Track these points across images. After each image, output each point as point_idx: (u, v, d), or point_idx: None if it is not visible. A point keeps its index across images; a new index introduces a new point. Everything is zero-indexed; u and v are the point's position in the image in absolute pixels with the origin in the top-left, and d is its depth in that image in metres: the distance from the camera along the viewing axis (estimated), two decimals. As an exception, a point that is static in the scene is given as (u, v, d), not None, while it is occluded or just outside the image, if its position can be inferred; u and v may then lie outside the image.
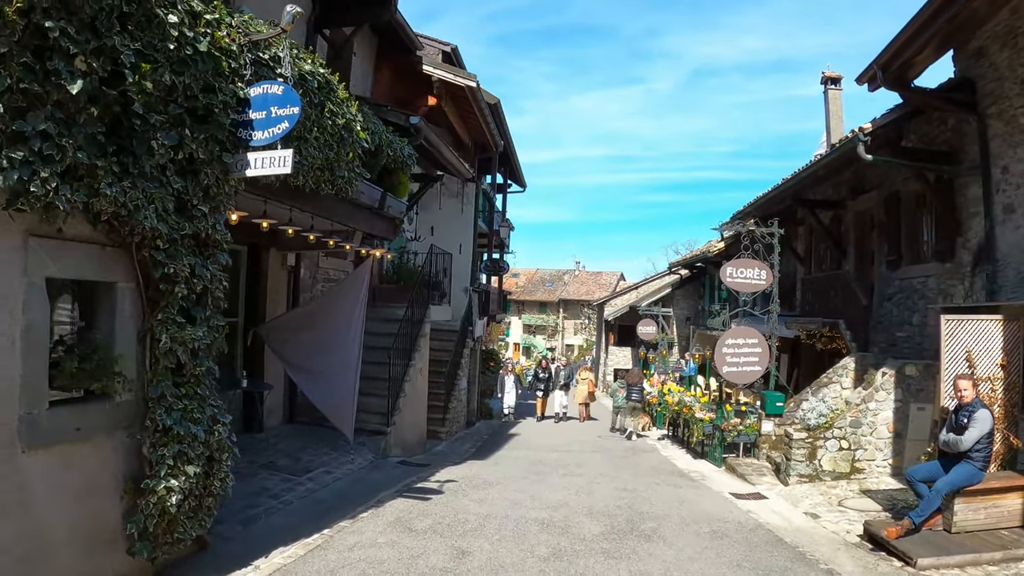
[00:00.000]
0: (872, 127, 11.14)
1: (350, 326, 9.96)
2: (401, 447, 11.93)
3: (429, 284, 13.88)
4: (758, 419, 12.38)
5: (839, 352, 15.58)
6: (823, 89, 21.52)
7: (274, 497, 8.15)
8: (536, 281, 71.15)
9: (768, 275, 12.60)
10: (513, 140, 23.84)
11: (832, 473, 10.56)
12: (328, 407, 10.01)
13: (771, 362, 12.42)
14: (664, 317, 29.69)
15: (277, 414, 11.65)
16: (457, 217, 20.31)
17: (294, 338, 10.47)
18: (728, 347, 12.17)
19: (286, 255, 11.56)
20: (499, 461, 12.18)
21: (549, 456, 13.00)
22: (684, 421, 14.94)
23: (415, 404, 12.70)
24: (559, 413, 21.29)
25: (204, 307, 5.86)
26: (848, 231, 15.61)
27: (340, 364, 9.86)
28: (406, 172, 10.38)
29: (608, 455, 13.56)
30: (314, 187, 7.49)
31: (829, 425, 10.62)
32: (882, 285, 13.67)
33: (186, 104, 5.40)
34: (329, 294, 11.26)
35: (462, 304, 18.19)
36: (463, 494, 8.81)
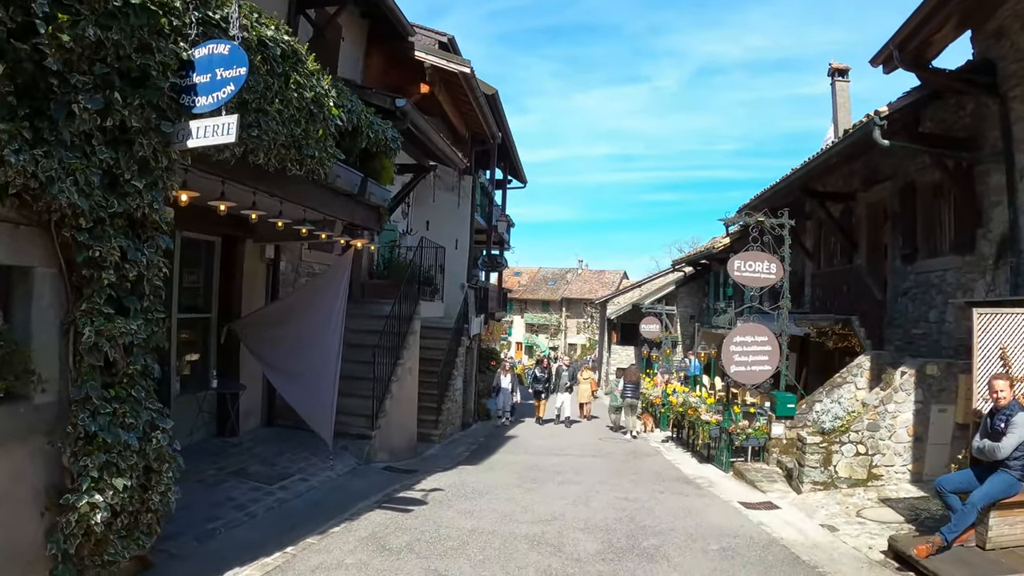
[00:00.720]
0: (888, 110, 10.47)
1: (329, 323, 9.27)
2: (388, 451, 11.20)
3: (419, 279, 13.15)
4: (767, 422, 11.63)
5: (851, 351, 14.87)
6: (830, 81, 20.75)
7: (240, 508, 7.44)
8: (539, 280, 70.44)
9: (778, 269, 11.86)
10: (514, 136, 23.19)
11: (848, 480, 9.81)
12: (305, 409, 9.33)
13: (781, 361, 11.67)
14: (668, 315, 28.94)
15: (254, 416, 10.94)
16: (453, 211, 19.59)
17: (270, 335, 9.80)
18: (736, 345, 11.42)
19: (264, 247, 10.86)
20: (493, 466, 11.45)
21: (546, 461, 12.26)
22: (689, 423, 14.19)
23: (404, 405, 11.97)
24: (560, 416, 19.87)
25: (140, 297, 5.15)
26: (859, 224, 14.95)
27: (318, 363, 9.18)
28: (390, 157, 9.66)
29: (609, 459, 12.82)
30: (279, 166, 6.77)
31: (845, 428, 9.87)
32: (896, 280, 12.98)
33: (116, 64, 4.71)
34: (307, 288, 10.56)
35: (457, 301, 17.47)
36: (449, 505, 8.08)
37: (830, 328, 13.88)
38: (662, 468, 12.07)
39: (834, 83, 20.57)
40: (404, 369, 11.86)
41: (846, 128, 12.70)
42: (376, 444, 10.76)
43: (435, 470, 10.60)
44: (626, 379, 18.56)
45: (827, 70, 20.78)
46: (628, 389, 18.15)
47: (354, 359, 11.27)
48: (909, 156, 12.20)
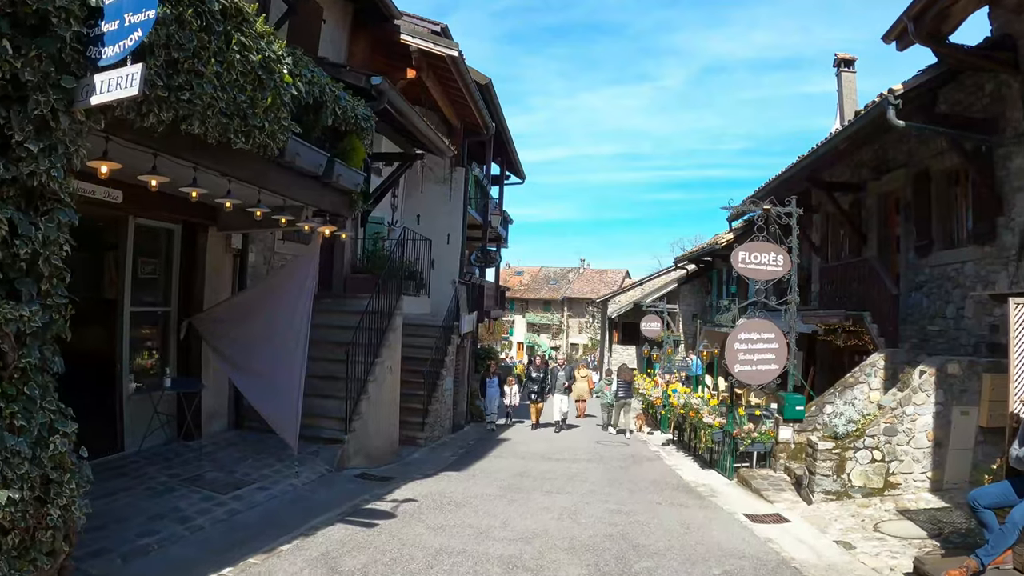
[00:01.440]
0: (903, 88, 9.68)
1: (294, 317, 8.49)
2: (365, 456, 10.40)
3: (402, 273, 12.33)
4: (774, 425, 10.81)
5: (862, 349, 14.07)
6: (835, 72, 19.99)
7: (183, 521, 6.64)
8: (540, 279, 69.85)
9: (785, 260, 11.04)
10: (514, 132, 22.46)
11: (863, 489, 8.98)
12: (269, 411, 8.57)
13: (790, 360, 10.85)
14: (670, 314, 28.11)
15: (220, 418, 10.15)
16: (444, 205, 18.78)
17: (230, 331, 9.04)
18: (741, 343, 10.60)
19: (230, 236, 10.07)
20: (477, 473, 10.63)
21: (537, 467, 11.45)
22: (691, 426, 13.36)
23: (383, 407, 11.16)
24: (559, 421, 18.12)
25: (36, 279, 4.34)
26: (869, 216, 14.20)
27: (282, 361, 8.42)
28: (361, 137, 8.88)
29: (604, 465, 12.00)
30: (221, 138, 5.97)
31: (860, 433, 9.04)
32: (910, 274, 12.22)
33: (8, 9, 3.93)
34: (271, 280, 9.79)
35: (448, 298, 16.64)
36: (419, 519, 7.26)
37: (840, 325, 13.04)
38: (661, 475, 11.25)
39: (840, 74, 19.82)
40: (384, 368, 11.05)
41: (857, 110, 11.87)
42: (350, 449, 9.95)
43: (414, 477, 9.80)
44: (619, 378, 18.52)
45: (833, 61, 20.06)
46: (621, 388, 18.21)
47: (329, 357, 10.52)
48: (923, 142, 11.56)
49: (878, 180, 13.57)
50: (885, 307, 12.18)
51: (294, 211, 8.50)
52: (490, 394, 18.13)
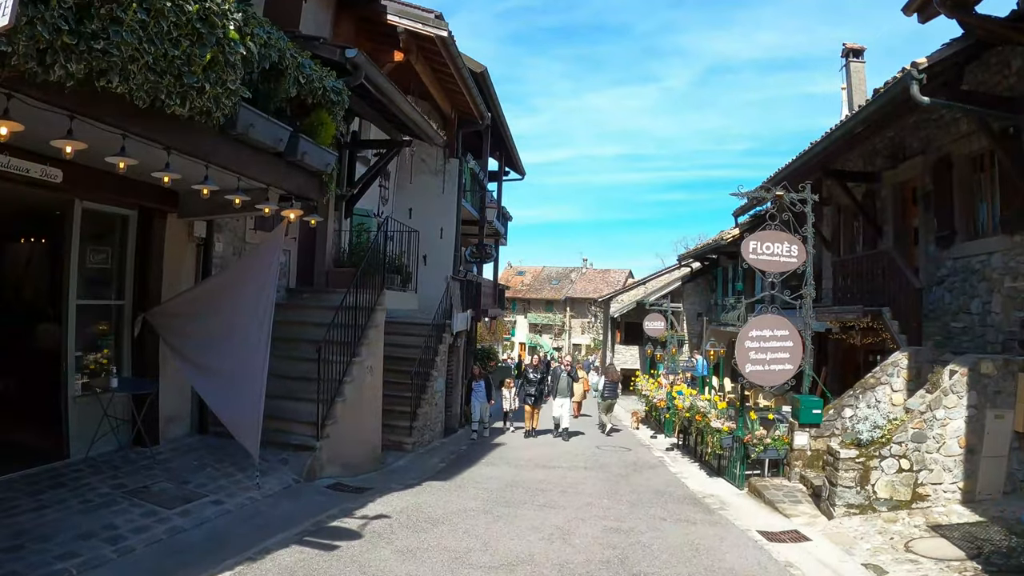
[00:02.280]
0: (927, 62, 8.84)
1: (255, 311, 7.67)
2: (341, 464, 9.52)
3: (384, 265, 11.44)
4: (788, 430, 9.91)
5: (878, 348, 13.22)
6: (844, 63, 19.23)
7: (114, 541, 5.76)
8: (542, 279, 69.07)
9: (800, 251, 10.15)
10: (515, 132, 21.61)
11: (889, 502, 8.08)
12: (228, 414, 7.77)
13: (805, 359, 9.96)
14: (673, 313, 27.22)
15: (181, 422, 9.28)
16: (437, 198, 17.89)
17: (188, 327, 8.23)
18: (752, 340, 9.71)
19: (192, 223, 9.20)
20: (464, 483, 9.73)
21: (531, 475, 10.58)
22: (697, 430, 12.46)
23: (363, 410, 10.28)
24: (559, 427, 16.41)
25: None
26: (884, 207, 13.42)
27: (243, 360, 7.63)
28: (331, 112, 8.00)
29: (604, 473, 11.10)
30: (151, 100, 5.11)
31: (886, 440, 8.14)
32: (930, 268, 11.43)
33: None
34: (231, 271, 8.92)
35: (441, 295, 15.74)
36: (388, 540, 6.36)
37: (857, 322, 12.13)
38: (665, 484, 10.35)
39: (848, 64, 19.06)
40: (363, 368, 10.18)
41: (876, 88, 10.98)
42: (322, 456, 9.06)
43: (394, 488, 8.90)
44: (607, 378, 19.21)
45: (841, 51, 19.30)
46: (607, 388, 18.85)
47: (305, 356, 9.69)
48: (942, 126, 10.87)
49: (894, 169, 12.81)
50: (907, 302, 11.29)
51: (256, 194, 7.62)
52: (475, 400, 16.02)
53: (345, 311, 10.00)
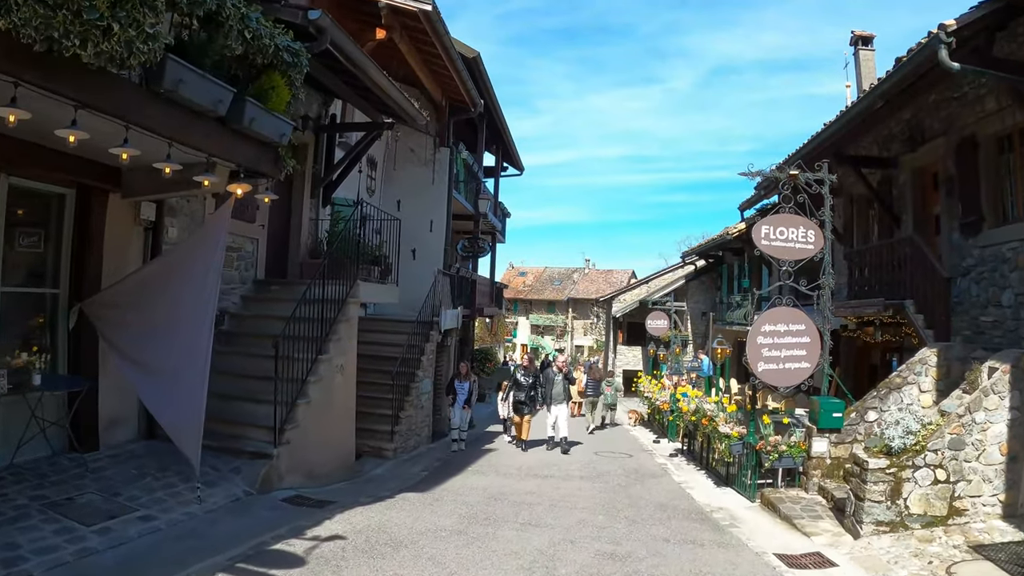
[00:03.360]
0: (956, 24, 7.93)
1: (198, 300, 6.71)
2: (304, 473, 8.54)
3: (358, 255, 10.44)
4: (805, 436, 8.90)
5: (896, 345, 12.27)
6: (852, 51, 18.20)
7: (7, 564, 4.83)
8: (544, 280, 68.19)
9: (817, 236, 9.16)
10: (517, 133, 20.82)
11: (923, 518, 7.10)
12: (167, 417, 6.83)
13: (824, 356, 8.95)
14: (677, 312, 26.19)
15: (126, 426, 8.27)
16: (427, 189, 16.88)
17: (126, 317, 7.26)
18: (765, 336, 8.72)
19: (139, 205, 8.19)
20: (443, 496, 8.69)
21: (518, 486, 9.56)
22: (704, 435, 11.43)
23: (332, 413, 9.28)
24: (552, 437, 13.96)
25: None
26: (902, 194, 12.45)
27: (186, 356, 6.63)
28: (287, 76, 7.01)
29: (601, 484, 10.06)
30: (44, 41, 4.16)
31: (921, 447, 7.13)
32: (954, 257, 10.45)
33: None
34: (173, 254, 7.93)
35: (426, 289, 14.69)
36: (337, 569, 5.35)
37: (877, 316, 11.12)
38: (669, 496, 9.31)
39: (857, 52, 18.04)
40: (331, 367, 9.18)
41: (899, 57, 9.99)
42: (281, 465, 8.07)
43: (362, 501, 7.90)
44: (589, 376, 19.44)
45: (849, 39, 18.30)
46: (590, 386, 19.24)
47: (265, 353, 8.62)
48: (966, 104, 10.01)
49: (913, 153, 11.88)
50: (933, 293, 10.32)
51: (199, 168, 6.64)
52: (457, 403, 13.43)
53: (311, 304, 9.02)
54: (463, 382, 13.58)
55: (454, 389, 13.53)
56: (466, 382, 13.57)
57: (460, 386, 13.50)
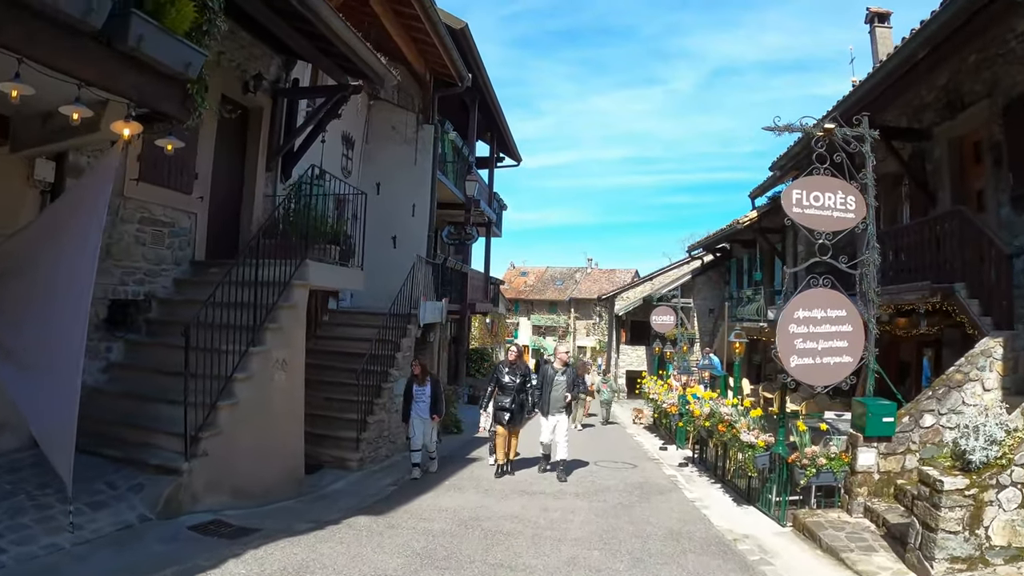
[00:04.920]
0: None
1: (73, 273, 5.10)
2: (229, 491, 6.96)
3: (306, 231, 8.85)
4: (847, 445, 7.30)
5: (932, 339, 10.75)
6: (868, 29, 16.75)
7: None
8: (546, 279, 66.63)
9: (859, 203, 7.61)
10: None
11: (1006, 550, 5.53)
12: (40, 422, 5.20)
13: (869, 348, 7.36)
14: (683, 309, 24.61)
15: (12, 433, 6.64)
16: (409, 170, 15.30)
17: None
18: (799, 323, 7.12)
19: (32, 162, 6.63)
20: (401, 521, 7.04)
21: (500, 507, 7.96)
22: (721, 443, 9.81)
23: (269, 417, 7.64)
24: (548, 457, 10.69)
25: None
26: (939, 168, 11.06)
27: (51, 342, 5.05)
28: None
29: (599, 502, 8.43)
30: None
31: (1008, 461, 5.53)
32: (1004, 235, 8.91)
33: None
34: (45, 218, 6.28)
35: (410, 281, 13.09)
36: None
37: (920, 304, 9.50)
38: (681, 518, 7.67)
39: (873, 30, 16.58)
40: (268, 361, 7.60)
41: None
42: (194, 482, 6.48)
43: (295, 528, 6.31)
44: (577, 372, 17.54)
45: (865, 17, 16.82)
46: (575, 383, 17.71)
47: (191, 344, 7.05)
48: (1016, 61, 8.66)
49: (951, 121, 10.53)
50: (989, 274, 8.73)
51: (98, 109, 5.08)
52: (415, 414, 9.98)
53: (248, 287, 7.46)
54: (422, 385, 10.12)
55: (411, 395, 10.07)
56: (425, 385, 10.15)
57: (418, 391, 10.07)
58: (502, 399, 10.43)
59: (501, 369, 10.78)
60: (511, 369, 10.69)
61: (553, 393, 10.47)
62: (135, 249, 8.42)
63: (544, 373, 10.73)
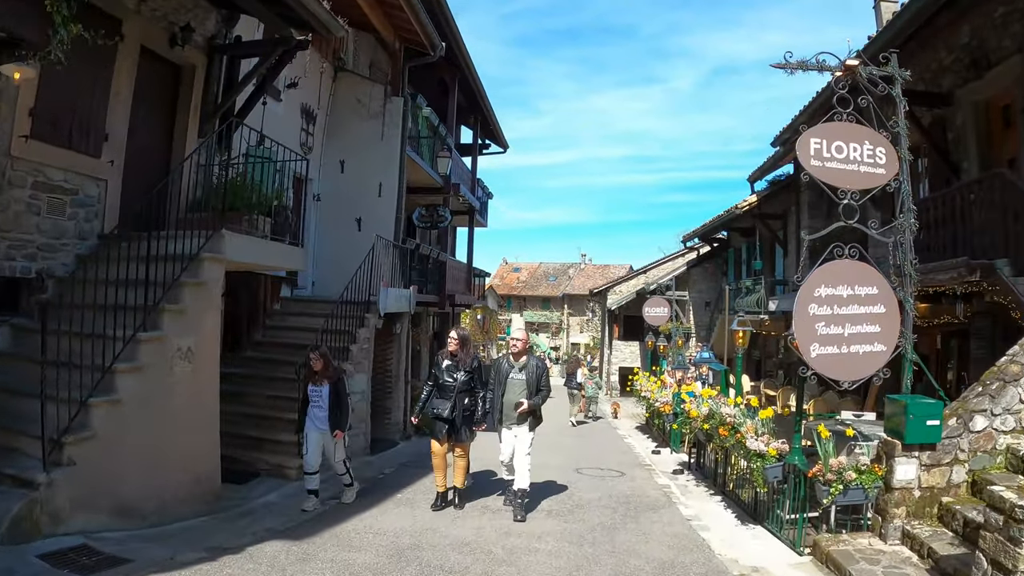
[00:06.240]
0: None
1: None
2: (109, 509, 5.55)
3: (224, 195, 7.42)
4: (881, 456, 5.88)
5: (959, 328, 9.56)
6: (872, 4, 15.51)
7: None
8: (539, 276, 65.48)
9: (891, 156, 6.20)
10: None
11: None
12: None
13: (907, 335, 5.95)
14: (678, 302, 23.20)
15: None
16: (375, 146, 13.81)
17: None
18: (820, 304, 5.74)
19: None
20: (318, 551, 5.55)
21: (448, 532, 6.50)
22: (722, 449, 8.40)
23: (167, 418, 6.17)
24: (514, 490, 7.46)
25: None
26: (962, 136, 10.03)
27: None
28: None
29: (577, 524, 6.98)
30: None
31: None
32: None
33: None
34: None
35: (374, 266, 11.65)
36: None
37: (955, 284, 8.12)
38: (675, 546, 6.23)
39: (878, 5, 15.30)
40: (165, 350, 6.19)
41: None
42: (57, 497, 5.06)
43: (180, 558, 4.90)
44: (567, 369, 19.22)
45: None
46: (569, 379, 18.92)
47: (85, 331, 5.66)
48: None
49: (977, 82, 9.44)
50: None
51: None
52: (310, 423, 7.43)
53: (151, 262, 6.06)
54: (319, 385, 7.42)
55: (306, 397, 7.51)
56: (322, 385, 7.39)
57: (313, 391, 7.44)
58: (439, 405, 7.52)
59: (439, 363, 7.78)
60: (453, 364, 7.62)
61: (507, 397, 7.46)
62: (27, 219, 6.98)
63: (498, 369, 7.73)
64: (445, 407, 7.45)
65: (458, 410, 7.49)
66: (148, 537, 5.57)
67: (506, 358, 7.78)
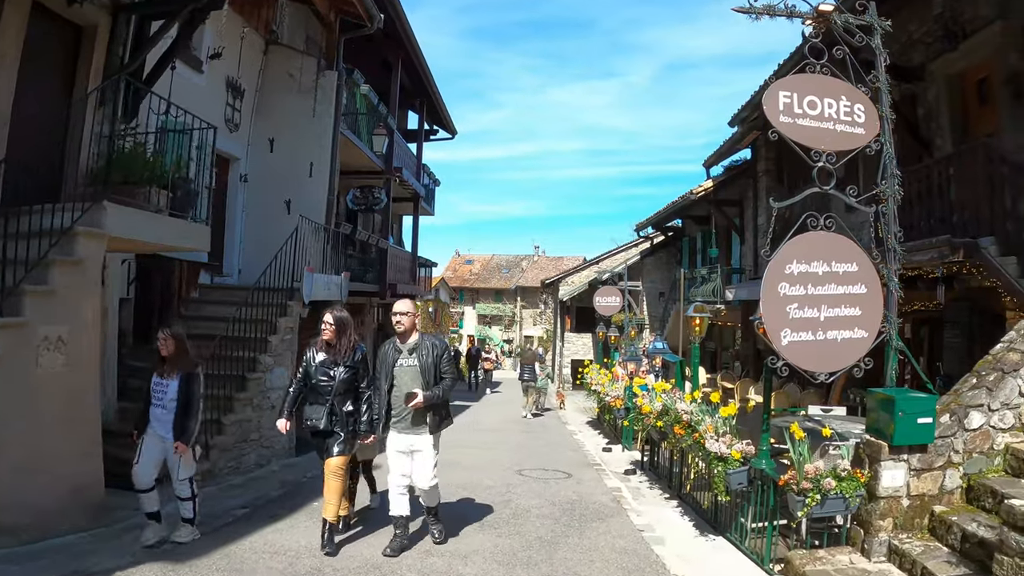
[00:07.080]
0: None
1: None
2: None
3: (109, 163, 6.39)
4: (863, 460, 5.08)
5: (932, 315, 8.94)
6: None
7: None
8: (492, 268, 64.74)
9: (870, 114, 5.41)
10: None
11: None
12: None
13: (891, 318, 5.16)
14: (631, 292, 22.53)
15: None
16: (307, 123, 12.76)
17: None
18: (793, 283, 4.92)
19: None
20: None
21: (357, 550, 5.60)
22: (678, 450, 7.58)
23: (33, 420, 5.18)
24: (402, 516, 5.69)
25: None
26: (934, 113, 9.54)
27: None
28: None
29: (512, 539, 6.05)
30: None
31: None
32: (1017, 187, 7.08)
33: None
34: None
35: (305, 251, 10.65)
36: None
37: (935, 266, 7.40)
38: (625, 566, 5.31)
39: None
40: (30, 340, 5.16)
41: None
42: None
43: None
44: (523, 361, 19.04)
45: None
46: (524, 371, 18.61)
47: None
48: None
49: (951, 53, 8.91)
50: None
51: None
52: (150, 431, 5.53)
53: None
54: (165, 377, 5.55)
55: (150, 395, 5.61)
56: (171, 378, 5.54)
57: (158, 388, 5.55)
58: (312, 413, 5.69)
59: (312, 357, 5.82)
60: (329, 358, 5.74)
61: (396, 393, 5.61)
62: None
63: (383, 358, 5.75)
64: (319, 414, 5.59)
65: (338, 417, 5.62)
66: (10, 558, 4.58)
67: (391, 342, 5.81)
